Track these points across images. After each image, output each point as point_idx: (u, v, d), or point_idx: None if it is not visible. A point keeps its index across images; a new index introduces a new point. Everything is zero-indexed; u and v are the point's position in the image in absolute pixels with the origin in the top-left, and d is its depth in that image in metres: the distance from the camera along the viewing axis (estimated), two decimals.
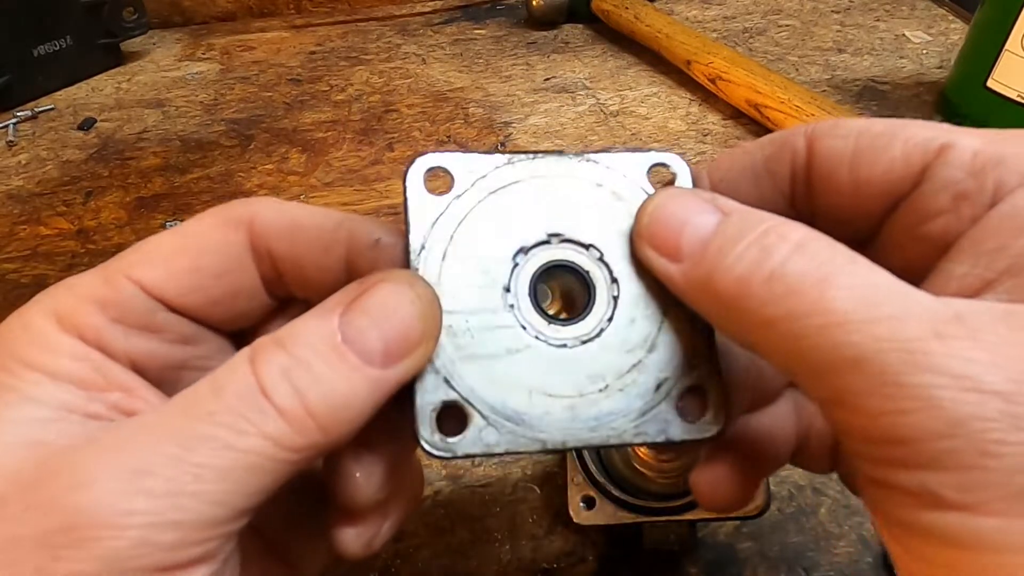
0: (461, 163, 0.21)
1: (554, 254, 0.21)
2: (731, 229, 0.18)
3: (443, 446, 0.19)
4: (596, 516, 0.32)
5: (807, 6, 0.85)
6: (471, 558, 0.35)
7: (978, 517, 0.14)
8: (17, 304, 0.19)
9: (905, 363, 0.14)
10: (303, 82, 0.76)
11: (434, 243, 0.20)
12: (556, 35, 0.82)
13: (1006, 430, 0.13)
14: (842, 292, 0.15)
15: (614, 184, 0.21)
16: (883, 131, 0.19)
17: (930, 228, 0.19)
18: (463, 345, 0.20)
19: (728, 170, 0.22)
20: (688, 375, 0.20)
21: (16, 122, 0.70)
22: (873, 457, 0.15)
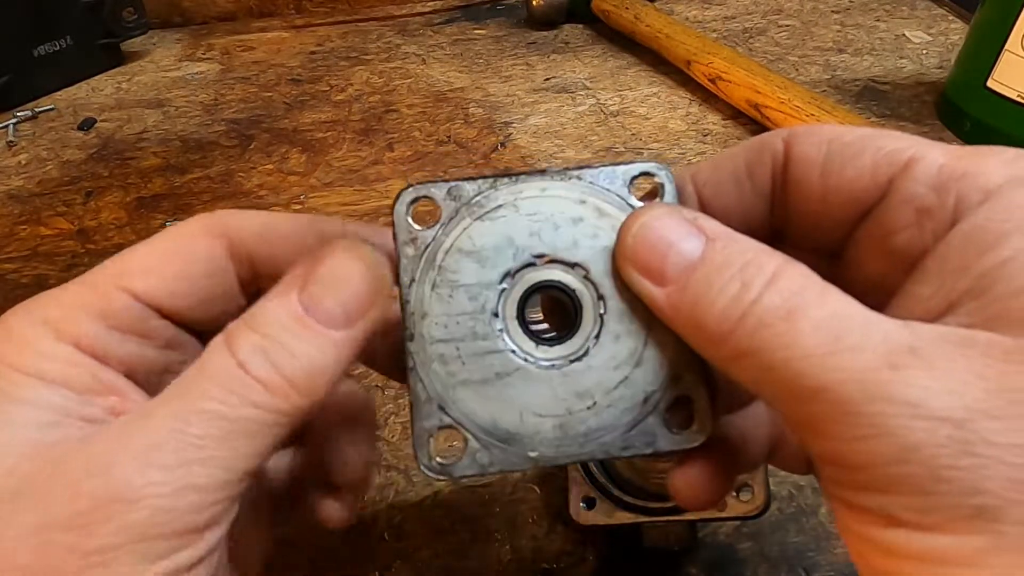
0: (445, 191, 0.21)
1: (541, 275, 0.21)
2: (716, 258, 0.18)
3: (440, 470, 0.20)
4: (596, 516, 0.32)
5: (807, 6, 0.85)
6: (471, 558, 0.35)
7: (933, 535, 0.15)
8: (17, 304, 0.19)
9: (861, 393, 0.15)
10: (303, 82, 0.76)
11: (423, 275, 0.21)
12: (556, 35, 0.82)
13: (955, 456, 0.14)
14: (806, 325, 0.16)
15: (597, 199, 0.21)
16: (855, 139, 0.19)
17: (895, 241, 0.19)
18: (455, 372, 0.20)
19: (712, 175, 0.22)
20: (674, 387, 0.21)
21: (16, 122, 0.70)
22: (838, 479, 0.16)
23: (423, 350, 0.21)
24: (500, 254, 0.21)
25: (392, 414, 0.41)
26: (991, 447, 0.14)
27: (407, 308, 0.21)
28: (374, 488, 0.38)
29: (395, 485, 0.38)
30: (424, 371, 0.21)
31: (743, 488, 0.30)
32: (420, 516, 0.36)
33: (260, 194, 0.60)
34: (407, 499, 0.37)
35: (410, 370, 0.21)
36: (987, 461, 0.14)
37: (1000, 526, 0.14)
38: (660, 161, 0.22)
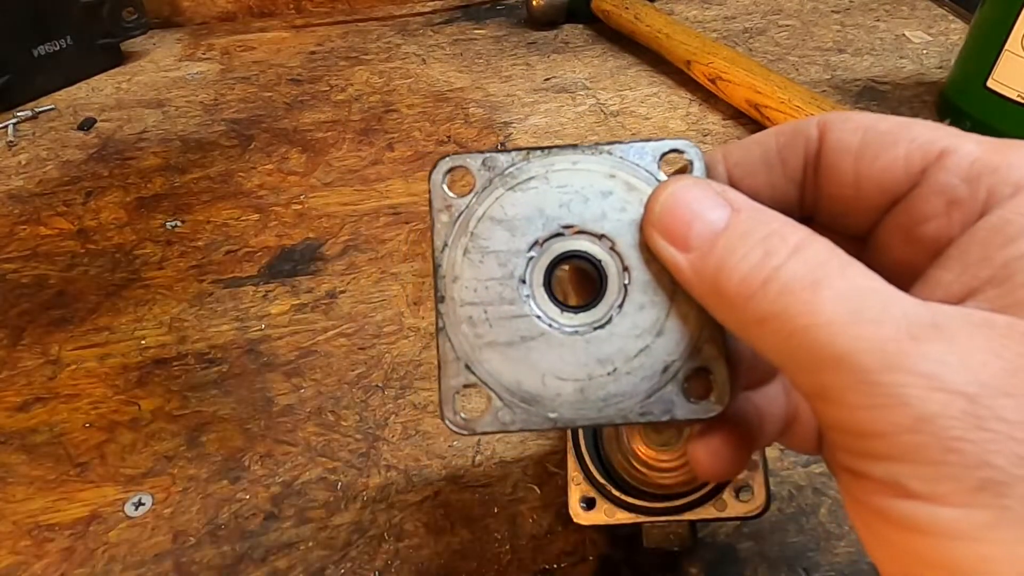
0: (480, 162, 0.22)
1: (568, 245, 0.22)
2: (740, 227, 0.18)
3: (464, 425, 0.21)
4: (596, 516, 0.32)
5: (807, 6, 0.85)
6: (471, 558, 0.35)
7: (940, 507, 0.15)
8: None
9: (880, 362, 0.15)
10: (303, 82, 0.76)
11: (455, 240, 0.22)
12: (556, 35, 0.82)
13: (967, 428, 0.14)
14: (830, 295, 0.16)
15: (627, 174, 0.22)
16: (890, 129, 0.20)
17: (923, 230, 0.19)
18: (482, 334, 0.21)
19: (743, 156, 0.22)
20: (694, 358, 0.21)
21: (16, 122, 0.70)
22: (849, 448, 0.17)
23: (453, 312, 0.21)
24: (530, 223, 0.22)
25: (392, 414, 0.41)
26: (1002, 423, 0.14)
27: (439, 271, 0.22)
28: (374, 488, 0.38)
29: (395, 485, 0.38)
30: (453, 332, 0.21)
31: (743, 488, 0.30)
32: (420, 516, 0.36)
33: (260, 194, 0.60)
34: (407, 499, 0.37)
35: (439, 330, 0.22)
36: (997, 436, 0.14)
37: (1005, 500, 0.14)
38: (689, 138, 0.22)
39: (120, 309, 0.49)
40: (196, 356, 0.46)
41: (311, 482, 0.38)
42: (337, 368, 0.44)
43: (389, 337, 0.46)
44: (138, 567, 0.35)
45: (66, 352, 0.46)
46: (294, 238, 0.55)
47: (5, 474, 0.39)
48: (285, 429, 0.41)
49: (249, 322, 0.48)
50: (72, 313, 0.49)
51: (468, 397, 0.21)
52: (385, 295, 0.49)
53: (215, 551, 0.35)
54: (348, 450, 0.40)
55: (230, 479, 0.39)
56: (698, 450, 0.23)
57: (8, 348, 0.47)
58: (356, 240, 0.54)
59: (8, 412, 0.43)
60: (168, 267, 0.53)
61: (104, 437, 0.41)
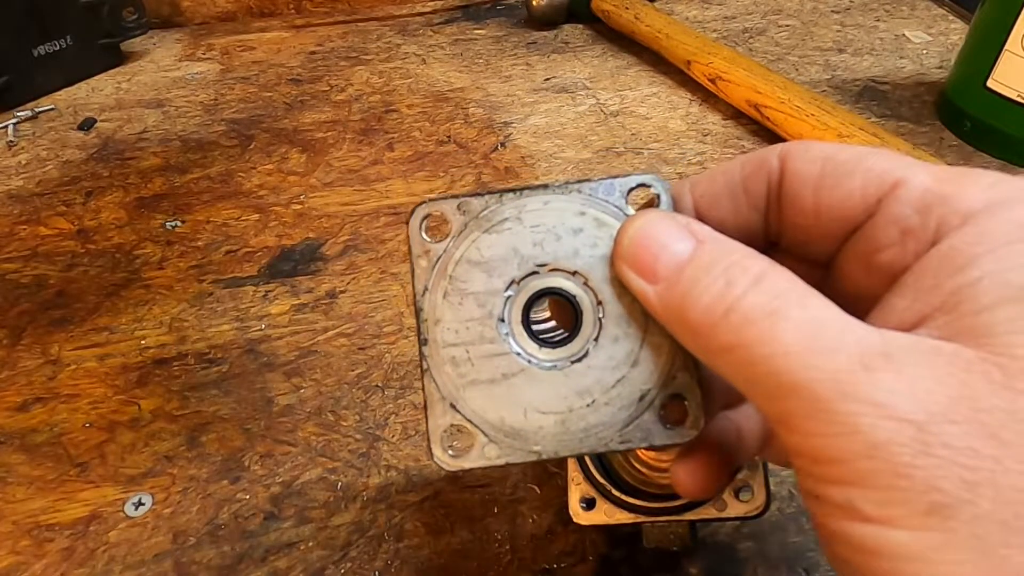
0: (455, 206, 0.23)
1: (543, 282, 0.22)
2: (704, 258, 0.19)
3: (452, 462, 0.22)
4: (596, 516, 0.32)
5: (807, 6, 0.85)
6: (471, 558, 0.35)
7: (892, 530, 0.16)
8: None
9: (834, 391, 0.16)
10: (303, 82, 0.76)
11: (435, 284, 0.22)
12: (556, 35, 0.82)
13: (915, 455, 0.15)
14: (788, 325, 0.17)
15: (596, 210, 0.22)
16: (848, 159, 0.20)
17: (879, 258, 0.20)
18: (465, 373, 0.22)
19: (708, 187, 0.23)
20: (668, 386, 0.22)
21: (16, 122, 0.70)
22: (809, 472, 0.17)
23: (436, 353, 0.22)
24: (506, 264, 0.22)
25: (392, 414, 0.41)
26: (947, 449, 0.15)
27: (421, 315, 0.22)
28: (374, 488, 0.38)
29: (395, 485, 0.38)
30: (437, 372, 0.22)
31: (743, 488, 0.30)
32: (420, 516, 0.36)
33: (260, 194, 0.60)
34: (407, 499, 0.37)
35: (424, 372, 0.22)
36: (943, 462, 0.15)
37: (952, 523, 0.15)
38: (656, 172, 0.23)
39: (120, 309, 0.49)
40: (196, 356, 0.46)
41: (311, 482, 0.38)
42: (337, 368, 0.44)
43: (389, 337, 0.46)
44: (138, 567, 0.35)
45: (66, 352, 0.46)
46: (294, 238, 0.55)
47: (5, 474, 0.39)
48: (285, 429, 0.41)
49: (249, 322, 0.48)
50: (72, 313, 0.49)
51: (455, 434, 0.22)
52: (385, 295, 0.49)
53: (215, 551, 0.35)
54: (348, 450, 0.40)
55: (230, 479, 0.39)
56: (679, 472, 0.24)
57: (8, 348, 0.47)
58: (356, 240, 0.54)
59: (8, 412, 0.43)
60: (168, 267, 0.53)
61: (104, 437, 0.41)
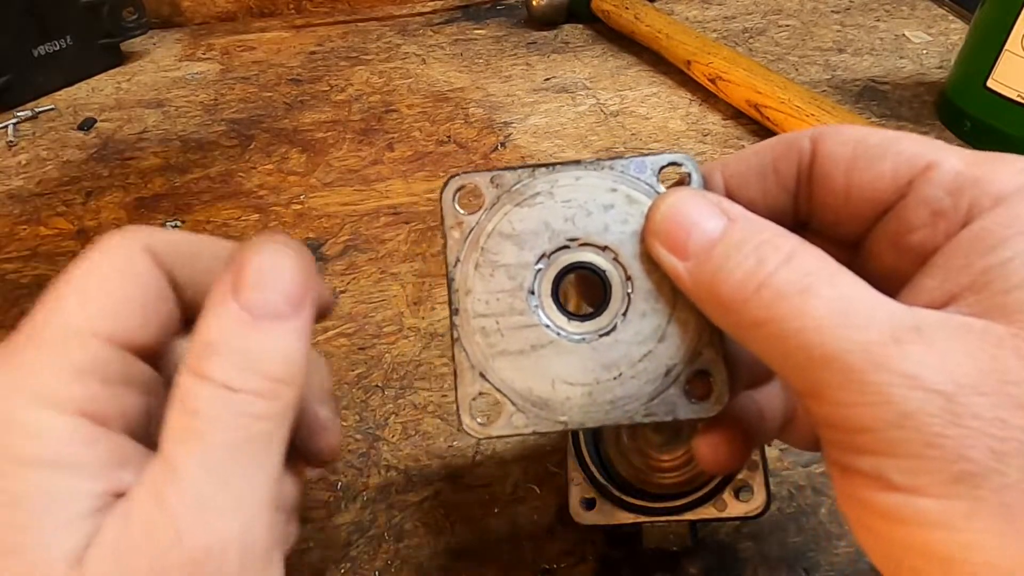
0: (488, 179, 0.23)
1: (573, 257, 0.23)
2: (735, 236, 0.20)
3: (480, 430, 0.23)
4: (596, 516, 0.32)
5: (807, 6, 0.85)
6: (471, 558, 0.35)
7: (920, 498, 0.16)
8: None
9: (866, 363, 0.16)
10: (303, 82, 0.76)
11: (467, 256, 0.23)
12: (556, 35, 0.82)
13: (945, 425, 0.15)
14: (820, 301, 0.17)
15: (628, 187, 0.23)
16: (879, 142, 0.21)
17: (910, 239, 0.20)
18: (494, 343, 0.22)
19: (738, 167, 0.23)
20: (695, 361, 0.22)
21: (16, 122, 0.70)
22: (838, 443, 0.18)
23: (466, 323, 0.23)
24: (537, 237, 0.23)
25: (392, 414, 0.41)
26: (977, 419, 0.15)
27: (452, 285, 0.23)
28: (374, 488, 0.38)
29: (395, 485, 0.38)
30: (467, 342, 0.23)
31: (743, 488, 0.30)
32: (420, 516, 0.36)
33: (260, 194, 0.60)
34: (407, 499, 0.37)
35: (455, 341, 0.23)
36: (972, 432, 0.15)
37: (980, 492, 0.15)
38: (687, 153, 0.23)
39: None
40: None
41: (311, 482, 0.38)
42: (337, 368, 0.44)
43: (389, 337, 0.46)
44: None
45: None
46: (294, 238, 0.55)
47: None
48: None
49: None
50: None
51: (483, 403, 0.23)
52: (385, 295, 0.49)
53: None
54: (348, 450, 0.40)
55: None
56: (701, 445, 0.24)
57: None
58: (356, 240, 0.54)
59: None
60: None
61: None
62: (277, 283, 0.19)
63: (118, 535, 0.17)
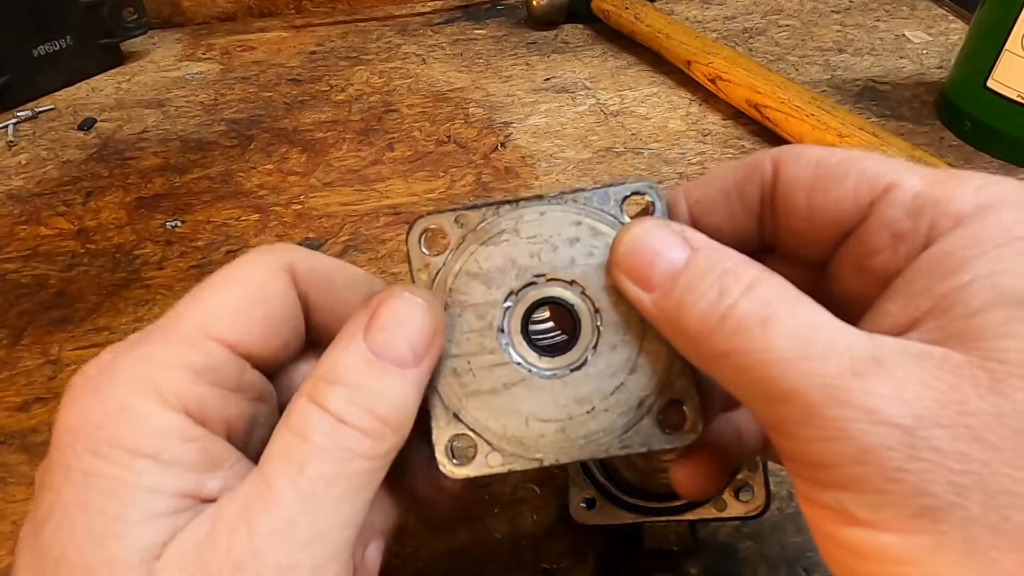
0: (452, 220, 0.23)
1: (541, 292, 0.23)
2: (698, 266, 0.19)
3: (457, 471, 0.22)
4: (596, 516, 0.32)
5: (807, 6, 0.85)
6: (471, 558, 0.35)
7: (882, 533, 0.16)
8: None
9: (826, 397, 0.16)
10: (303, 82, 0.76)
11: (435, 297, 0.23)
12: (556, 35, 0.82)
13: (904, 459, 0.15)
14: (780, 331, 0.17)
15: (592, 219, 0.22)
16: (840, 162, 0.21)
17: (872, 262, 0.20)
18: (467, 383, 0.22)
19: (703, 193, 0.23)
20: (667, 391, 0.22)
21: (16, 122, 0.70)
22: (803, 476, 0.18)
23: (438, 365, 0.22)
24: (504, 275, 0.23)
25: None
26: (936, 453, 0.15)
27: None
28: None
29: None
30: (440, 384, 0.22)
31: (743, 488, 0.30)
32: (420, 516, 0.36)
33: (260, 194, 0.60)
34: None
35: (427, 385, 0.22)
36: (932, 466, 0.15)
37: (942, 526, 0.15)
38: (655, 173, 0.23)
39: (120, 309, 0.49)
40: None
41: None
42: None
43: None
44: None
45: (66, 352, 0.46)
46: (294, 238, 0.55)
47: (5, 474, 0.39)
48: None
49: None
50: (72, 313, 0.49)
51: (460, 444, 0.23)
52: None
53: None
54: None
55: None
56: (678, 473, 0.24)
57: (8, 348, 0.47)
58: (356, 240, 0.54)
59: (8, 412, 0.43)
60: (168, 267, 0.53)
61: None
62: (406, 332, 0.20)
63: (200, 542, 0.18)
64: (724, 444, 0.24)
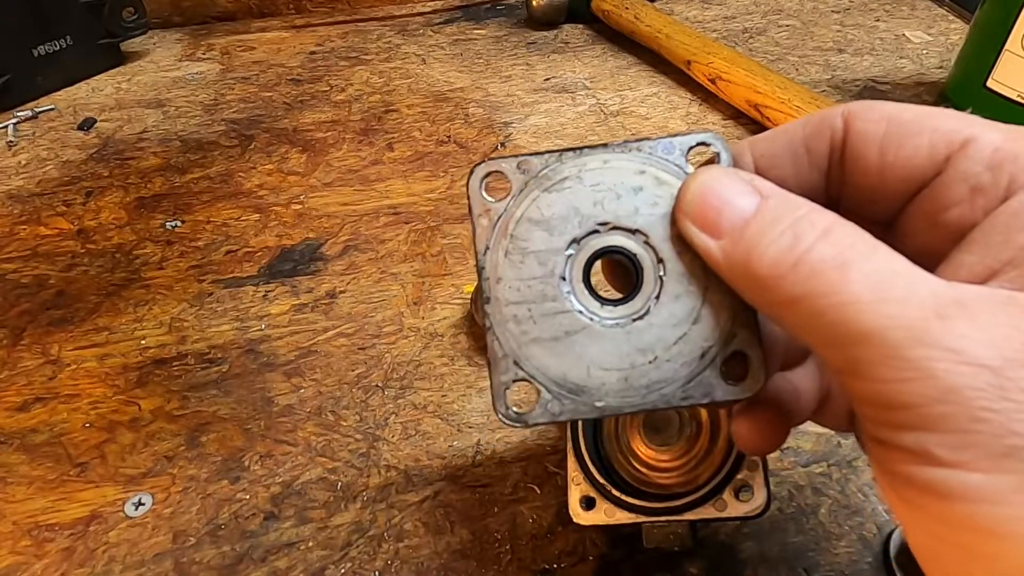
0: (515, 165, 0.23)
1: (604, 241, 0.22)
2: (769, 213, 0.19)
3: (516, 418, 0.22)
4: (596, 516, 0.32)
5: (807, 6, 0.85)
6: (471, 558, 0.35)
7: (966, 473, 0.16)
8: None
9: (908, 338, 0.16)
10: (303, 82, 0.76)
11: (496, 243, 0.23)
12: (556, 35, 0.82)
13: (993, 399, 0.15)
14: (858, 276, 0.17)
15: (656, 169, 0.22)
16: (913, 118, 0.20)
17: (947, 216, 0.20)
18: (527, 331, 0.22)
19: (769, 147, 0.23)
20: (730, 342, 0.22)
21: (16, 122, 0.70)
22: (879, 420, 0.17)
23: (499, 311, 0.22)
24: (566, 222, 0.22)
25: (392, 414, 0.41)
26: None
27: (483, 273, 0.23)
28: (374, 488, 0.38)
29: (395, 485, 0.38)
30: (500, 330, 0.22)
31: (743, 488, 0.30)
32: (420, 516, 0.36)
33: (260, 194, 0.60)
34: (407, 499, 0.37)
35: (488, 330, 0.22)
36: (1020, 406, 0.15)
37: None
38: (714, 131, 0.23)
39: (120, 309, 0.49)
40: (196, 356, 0.46)
41: (311, 482, 0.38)
42: (337, 368, 0.44)
43: (389, 337, 0.46)
44: (138, 567, 0.35)
45: (66, 352, 0.46)
46: (294, 238, 0.55)
47: (5, 474, 0.39)
48: (285, 429, 0.41)
49: (249, 322, 0.48)
50: (72, 313, 0.49)
51: (518, 392, 0.22)
52: (385, 295, 0.49)
53: (215, 551, 0.35)
54: (348, 450, 0.40)
55: (230, 479, 0.39)
56: (740, 426, 0.24)
57: (8, 348, 0.47)
58: (356, 240, 0.54)
59: (8, 412, 0.43)
60: (168, 267, 0.53)
61: (104, 437, 0.41)
62: None
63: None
64: (783, 401, 0.24)
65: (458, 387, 0.43)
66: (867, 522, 0.35)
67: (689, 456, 0.33)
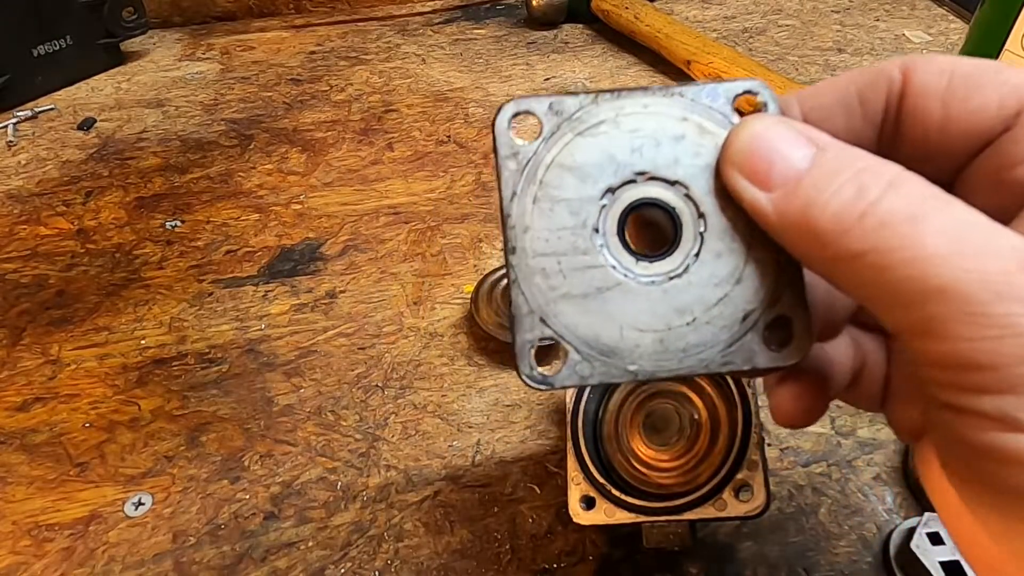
0: (547, 106, 0.21)
1: (641, 192, 0.21)
2: (828, 165, 0.18)
3: (542, 379, 0.21)
4: (596, 516, 0.32)
5: (807, 6, 0.85)
6: (471, 558, 0.35)
7: None
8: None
9: (989, 293, 0.15)
10: (303, 82, 0.76)
11: (524, 189, 0.21)
12: (556, 35, 0.82)
13: None
14: (932, 228, 0.16)
15: (700, 117, 0.21)
16: (976, 71, 0.19)
17: (1015, 174, 0.19)
18: (556, 285, 0.21)
19: (818, 99, 0.22)
20: (774, 306, 0.21)
21: (16, 122, 0.70)
22: (954, 383, 0.16)
23: (525, 263, 0.21)
24: (601, 170, 0.21)
25: (392, 414, 0.41)
26: None
27: (508, 222, 0.21)
28: (374, 488, 0.38)
29: (395, 485, 0.38)
30: (526, 284, 0.21)
31: (743, 488, 0.30)
32: (420, 516, 0.36)
33: (260, 194, 0.60)
34: (407, 499, 0.37)
35: (512, 283, 0.21)
36: None
37: None
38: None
39: (120, 309, 0.49)
40: (196, 356, 0.46)
41: (311, 482, 0.38)
42: (337, 368, 0.44)
43: (389, 337, 0.46)
44: (138, 567, 0.35)
45: (66, 352, 0.46)
46: (294, 238, 0.55)
47: (5, 474, 0.39)
48: (285, 429, 0.41)
49: (249, 322, 0.48)
50: (72, 313, 0.49)
51: (544, 351, 0.21)
52: (385, 295, 0.49)
53: (215, 551, 0.35)
54: (348, 450, 0.40)
55: (230, 479, 0.39)
56: (780, 396, 0.23)
57: (8, 348, 0.47)
58: (356, 240, 0.54)
59: (8, 412, 0.43)
60: (168, 267, 0.53)
61: (104, 437, 0.41)
62: None
63: None
64: (819, 375, 0.23)
65: (458, 387, 0.43)
66: (867, 522, 0.35)
67: (689, 456, 0.33)
